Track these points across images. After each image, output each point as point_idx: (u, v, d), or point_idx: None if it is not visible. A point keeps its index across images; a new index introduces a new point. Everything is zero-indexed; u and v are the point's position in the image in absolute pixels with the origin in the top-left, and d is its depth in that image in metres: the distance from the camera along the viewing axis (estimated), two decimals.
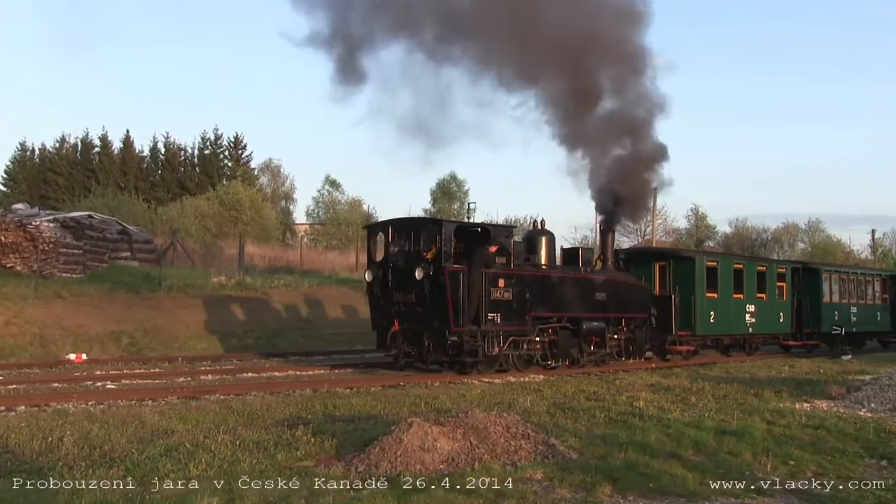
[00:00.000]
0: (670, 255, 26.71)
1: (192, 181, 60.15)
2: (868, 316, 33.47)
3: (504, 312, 18.48)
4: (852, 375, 18.78)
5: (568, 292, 20.49)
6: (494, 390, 15.60)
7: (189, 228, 41.95)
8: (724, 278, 25.92)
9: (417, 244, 18.45)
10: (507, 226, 19.90)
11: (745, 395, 14.99)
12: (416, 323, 18.09)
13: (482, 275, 17.98)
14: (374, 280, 18.95)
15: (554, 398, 14.29)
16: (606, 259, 22.73)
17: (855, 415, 12.89)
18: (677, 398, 14.52)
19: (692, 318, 24.40)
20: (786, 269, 29.70)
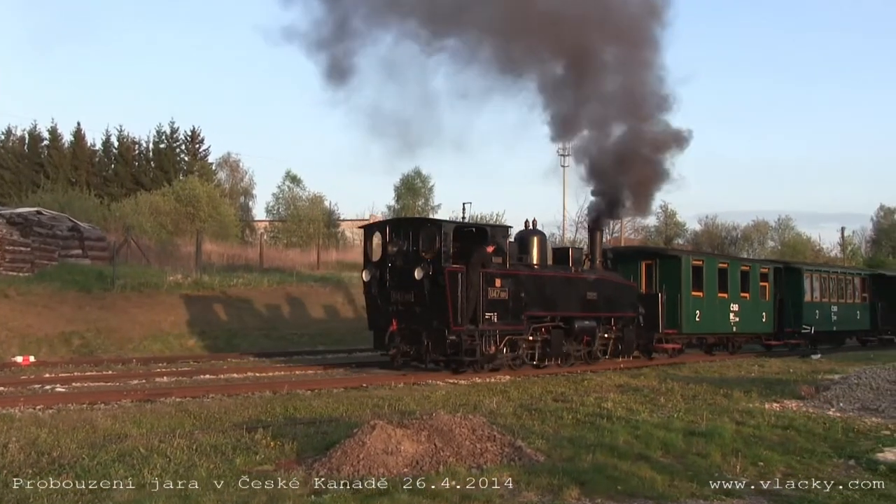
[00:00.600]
0: (657, 254, 27.36)
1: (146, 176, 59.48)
2: (848, 315, 34.34)
3: (500, 312, 19.02)
4: (822, 375, 19.07)
5: (561, 292, 21.08)
6: (460, 392, 15.63)
7: (144, 225, 41.51)
8: (710, 278, 26.65)
9: (416, 244, 18.88)
10: (503, 226, 20.47)
11: (714, 396, 15.16)
12: (415, 322, 18.52)
13: (480, 275, 18.47)
14: (371, 280, 19.38)
15: (521, 399, 14.34)
16: (595, 258, 23.23)
17: (824, 414, 13.10)
18: (646, 399, 14.65)
19: (678, 317, 25.09)
20: (768, 268, 30.53)
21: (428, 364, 18.95)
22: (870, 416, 12.97)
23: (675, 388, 16.25)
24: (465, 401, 14.04)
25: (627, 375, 19.29)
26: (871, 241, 77.06)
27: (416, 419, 9.44)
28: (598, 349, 22.36)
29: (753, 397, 14.90)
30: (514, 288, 19.39)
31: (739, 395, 15.15)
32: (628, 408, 13.33)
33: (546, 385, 16.94)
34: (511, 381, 17.89)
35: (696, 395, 15.38)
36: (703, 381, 17.68)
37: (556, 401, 14.23)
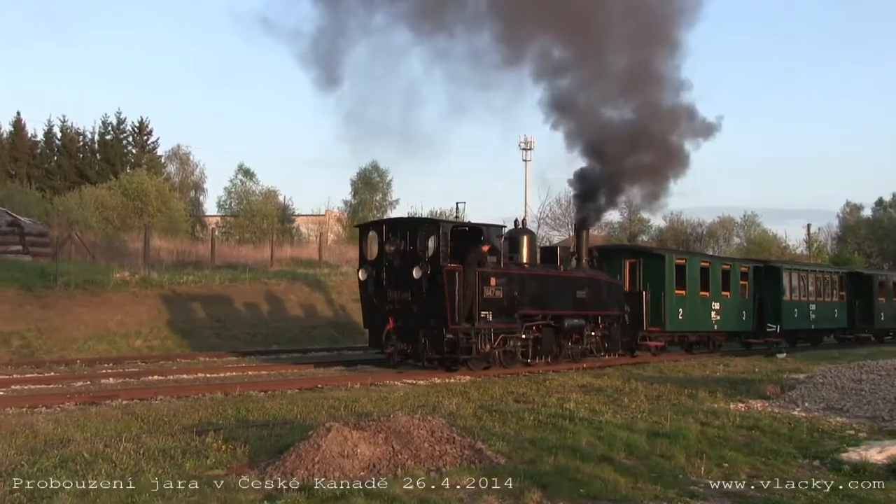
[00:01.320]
0: (641, 252, 28.29)
1: (92, 169, 58.65)
2: (826, 313, 35.30)
3: (495, 310, 19.77)
4: (787, 374, 19.34)
5: (552, 291, 21.88)
6: (418, 392, 15.63)
7: (89, 220, 40.93)
8: (692, 276, 27.53)
9: (414, 244, 19.55)
10: (497, 225, 21.03)
11: (679, 396, 15.32)
12: (412, 321, 19.12)
13: (476, 274, 19.18)
14: (367, 279, 19.97)
15: (481, 400, 14.38)
16: (581, 257, 23.92)
17: (789, 414, 13.30)
18: (609, 399, 14.76)
19: (662, 315, 25.98)
20: (748, 267, 31.52)
21: (425, 362, 19.53)
22: (834, 416, 13.20)
23: (638, 389, 16.40)
24: (424, 402, 14.04)
25: (590, 375, 19.42)
26: (837, 238, 78.28)
27: (374, 421, 9.43)
28: (589, 347, 23.19)
29: (718, 397, 15.08)
30: (508, 287, 20.16)
31: (704, 395, 15.33)
32: (591, 408, 13.42)
33: (507, 385, 17.00)
34: (471, 382, 17.93)
35: (660, 395, 15.52)
36: (667, 381, 17.85)
37: (518, 401, 14.28)
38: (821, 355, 27.23)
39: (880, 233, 73.75)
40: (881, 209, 79.61)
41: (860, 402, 14.04)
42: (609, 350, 23.98)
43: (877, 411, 13.34)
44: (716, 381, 18.12)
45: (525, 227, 22.50)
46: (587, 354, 23.22)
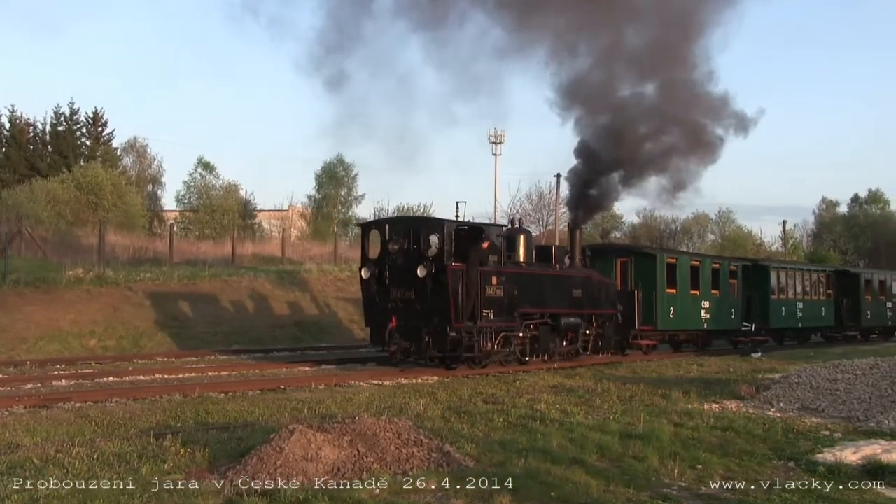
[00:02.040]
0: (632, 251, 29.10)
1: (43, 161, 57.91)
2: (813, 311, 36.08)
3: (496, 309, 20.61)
4: (762, 374, 19.56)
5: (550, 289, 22.85)
6: (384, 393, 15.63)
7: (40, 215, 40.43)
8: (683, 275, 28.38)
9: (417, 243, 20.38)
10: (498, 224, 21.88)
11: (652, 397, 15.43)
12: (415, 319, 19.83)
13: (479, 273, 19.99)
14: (370, 277, 20.69)
15: (449, 401, 14.40)
16: (574, 256, 24.82)
17: (764, 415, 13.44)
18: (581, 400, 14.84)
19: (654, 314, 26.86)
20: (737, 266, 32.42)
21: (428, 360, 20.20)
22: (809, 416, 13.36)
23: (611, 389, 16.50)
24: (391, 403, 14.05)
25: (562, 375, 19.52)
26: (812, 235, 79.16)
27: (338, 423, 9.42)
28: (581, 345, 24.05)
29: (692, 398, 15.21)
30: (509, 285, 21.00)
31: (678, 395, 15.46)
32: (562, 409, 13.48)
33: (476, 386, 17.04)
34: (439, 383, 17.97)
35: (633, 395, 15.63)
36: (640, 382, 17.98)
37: (487, 403, 14.32)
38: (796, 354, 27.57)
39: (856, 230, 74.65)
40: (857, 206, 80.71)
41: (835, 401, 14.22)
42: (602, 348, 24.94)
43: (852, 411, 13.52)
44: (690, 381, 18.28)
45: (522, 227, 23.53)
46: (581, 353, 24.05)
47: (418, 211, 60.97)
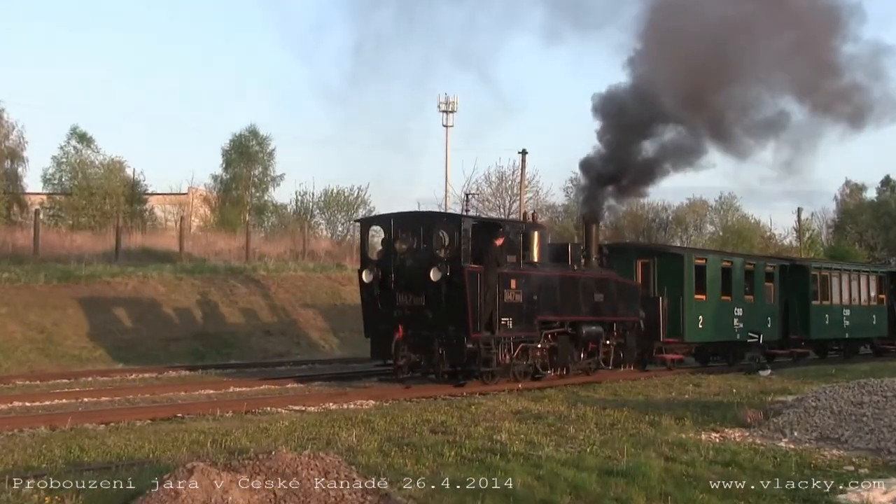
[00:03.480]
0: (655, 251, 30.57)
1: None
2: (862, 319, 37.12)
3: (515, 317, 22.00)
4: (772, 396, 19.77)
5: (570, 294, 24.36)
6: (308, 422, 15.57)
7: None
8: (713, 278, 29.60)
9: (429, 241, 21.68)
10: (517, 221, 23.28)
11: (637, 424, 15.55)
12: (426, 329, 21.09)
13: (496, 275, 21.32)
14: (373, 281, 21.88)
15: (388, 432, 14.39)
16: (590, 255, 26.15)
17: (774, 446, 13.60)
18: (551, 429, 14.91)
19: (680, 323, 28.25)
20: (774, 267, 33.64)
21: (441, 375, 21.53)
22: (830, 448, 13.53)
23: (587, 415, 16.59)
24: (316, 434, 14.01)
25: (527, 399, 19.60)
26: (833, 226, 79.70)
27: (251, 460, 9.36)
28: (602, 357, 25.56)
29: (687, 425, 15.35)
30: (528, 290, 22.42)
31: (669, 422, 15.59)
32: (528, 440, 13.53)
33: (421, 412, 17.04)
34: (376, 408, 17.96)
35: (614, 422, 15.73)
36: (623, 406, 18.10)
37: (435, 432, 14.33)
38: (814, 372, 27.92)
39: (886, 220, 74.66)
40: (888, 190, 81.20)
41: (861, 430, 14.37)
42: (624, 361, 26.38)
43: (881, 442, 13.69)
44: (683, 404, 18.45)
45: (536, 222, 25.17)
46: (602, 366, 25.59)
47: (352, 196, 60.94)
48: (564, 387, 22.52)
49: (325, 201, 62.56)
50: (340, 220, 62.30)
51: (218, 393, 20.78)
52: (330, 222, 62.70)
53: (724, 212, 73.95)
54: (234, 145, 60.95)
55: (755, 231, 70.12)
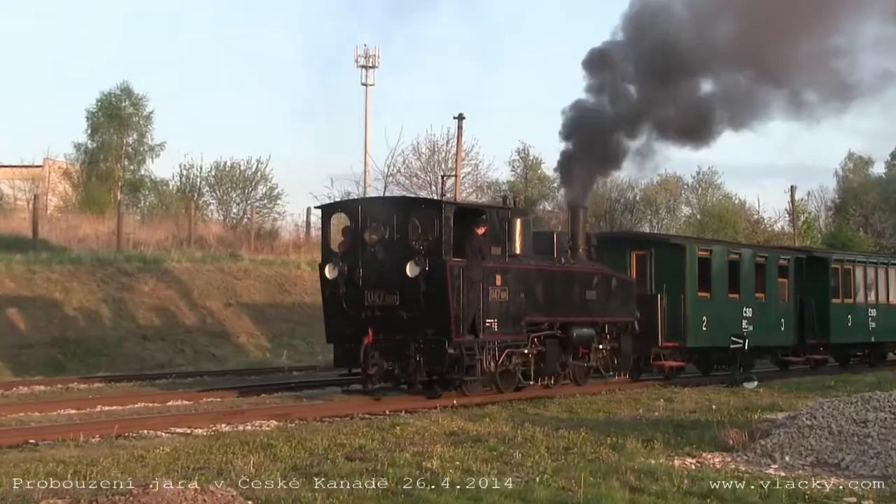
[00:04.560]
0: (653, 241, 31.38)
1: None
2: (891, 320, 37.88)
3: (500, 318, 22.80)
4: (759, 413, 19.96)
5: (561, 291, 25.30)
6: (195, 448, 15.45)
7: None
8: (718, 272, 30.35)
9: (404, 231, 22.31)
10: (503, 207, 23.69)
11: (597, 448, 15.62)
12: (400, 332, 21.79)
13: (481, 270, 22.06)
14: (338, 277, 22.58)
15: (294, 458, 14.34)
16: (577, 246, 26.82)
17: (761, 474, 13.72)
18: (493, 454, 14.93)
19: (681, 325, 29.05)
20: (788, 259, 34.34)
21: (418, 385, 22.33)
22: (828, 475, 13.65)
23: (536, 437, 16.64)
24: (205, 463, 13.91)
25: (463, 417, 19.61)
26: (833, 208, 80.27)
27: (122, 496, 9.30)
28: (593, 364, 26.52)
29: (657, 449, 15.45)
30: (514, 286, 23.27)
31: (635, 445, 15.67)
32: (465, 468, 13.54)
33: (334, 435, 16.99)
34: (279, 430, 17.88)
35: (569, 446, 15.79)
36: (580, 425, 18.15)
37: (352, 459, 14.30)
38: (809, 384, 28.21)
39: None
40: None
41: (865, 453, 14.52)
42: (618, 368, 27.41)
43: (889, 468, 13.83)
44: (653, 424, 18.57)
45: (518, 208, 25.37)
46: (594, 374, 26.73)
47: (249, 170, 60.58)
48: (509, 403, 22.57)
49: (217, 177, 62.22)
50: (235, 199, 62.09)
51: (81, 413, 20.60)
52: (222, 202, 62.43)
53: (702, 191, 74.43)
54: (101, 107, 60.26)
55: (740, 214, 70.60)
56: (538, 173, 71.68)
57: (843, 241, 62.03)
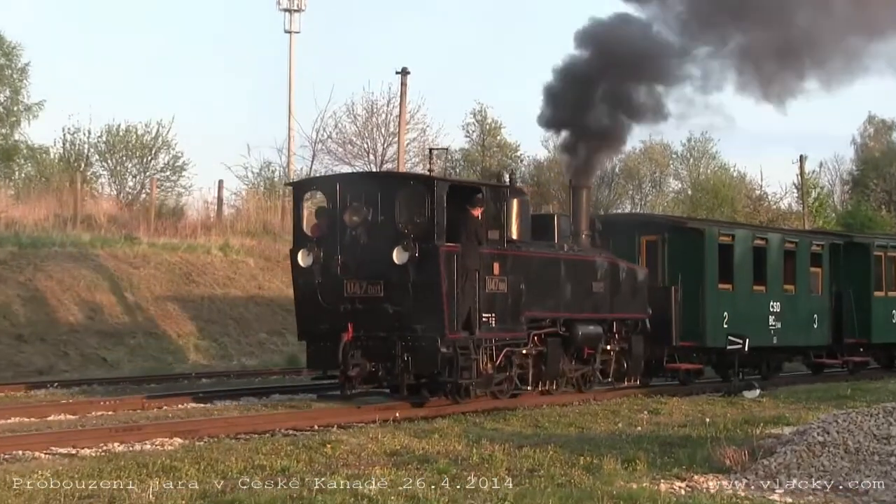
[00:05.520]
0: (666, 225, 31.53)
1: None
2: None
3: (499, 312, 23.56)
4: (761, 427, 20.04)
5: (565, 282, 25.97)
6: (82, 472, 15.33)
7: None
8: (742, 261, 30.95)
9: (390, 211, 22.92)
10: (500, 185, 24.26)
11: (568, 469, 15.65)
12: (385, 328, 22.47)
13: (477, 257, 22.77)
14: (313, 265, 23.30)
15: (203, 485, 14.28)
16: (580, 231, 27.50)
17: (764, 500, 13.81)
18: (443, 477, 14.93)
19: (699, 321, 29.09)
20: (822, 245, 34.84)
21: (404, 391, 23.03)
22: (844, 502, 13.76)
23: (496, 457, 16.63)
24: (93, 490, 13.84)
25: (408, 433, 19.59)
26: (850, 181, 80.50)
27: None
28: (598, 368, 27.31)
29: (639, 471, 15.50)
30: (514, 277, 23.97)
31: (614, 466, 15.70)
32: (410, 495, 13.54)
33: (252, 455, 16.93)
34: (184, 450, 17.82)
35: (535, 467, 15.82)
36: (548, 443, 18.20)
37: (273, 484, 14.27)
38: (821, 392, 28.35)
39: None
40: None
41: (888, 476, 14.61)
42: (628, 373, 28.12)
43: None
44: (634, 440, 18.64)
45: (514, 186, 26.20)
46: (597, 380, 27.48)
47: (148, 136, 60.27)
48: (462, 415, 22.63)
49: (109, 143, 61.83)
50: (131, 170, 61.77)
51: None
52: (115, 174, 62.09)
53: (693, 161, 74.55)
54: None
55: (738, 187, 70.78)
56: (498, 140, 71.69)
57: (862, 220, 62.26)
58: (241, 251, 41.46)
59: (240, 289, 38.94)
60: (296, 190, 25.52)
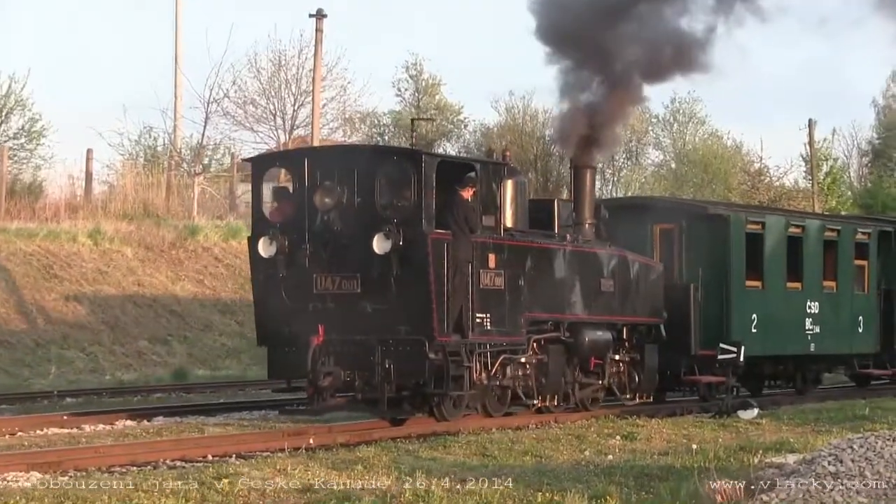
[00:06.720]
0: (683, 211, 31.82)
1: None
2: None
3: (495, 313, 24.14)
4: (760, 455, 20.19)
5: (567, 278, 26.63)
6: None
7: None
8: (773, 253, 31.33)
9: (369, 192, 23.44)
10: (497, 162, 24.77)
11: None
12: (362, 330, 22.96)
13: (469, 246, 23.20)
14: (276, 255, 23.66)
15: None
16: (583, 219, 27.20)
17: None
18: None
19: (724, 326, 29.48)
20: (869, 234, 35.17)
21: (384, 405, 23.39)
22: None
23: (433, 494, 16.70)
24: None
25: (325, 464, 19.62)
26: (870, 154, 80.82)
27: None
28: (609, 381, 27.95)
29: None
30: (512, 271, 24.60)
31: None
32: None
33: (128, 493, 16.90)
34: (43, 487, 17.76)
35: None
36: (498, 475, 18.29)
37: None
38: (832, 412, 28.55)
39: None
40: None
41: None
42: (641, 388, 28.89)
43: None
44: (605, 472, 18.74)
45: (510, 165, 26.11)
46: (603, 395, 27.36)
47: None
48: (391, 441, 22.68)
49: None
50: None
51: None
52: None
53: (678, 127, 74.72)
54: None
55: (734, 161, 70.95)
56: (436, 100, 71.80)
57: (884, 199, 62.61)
58: (116, 239, 41.15)
59: (114, 286, 38.69)
60: (255, 167, 25.77)
